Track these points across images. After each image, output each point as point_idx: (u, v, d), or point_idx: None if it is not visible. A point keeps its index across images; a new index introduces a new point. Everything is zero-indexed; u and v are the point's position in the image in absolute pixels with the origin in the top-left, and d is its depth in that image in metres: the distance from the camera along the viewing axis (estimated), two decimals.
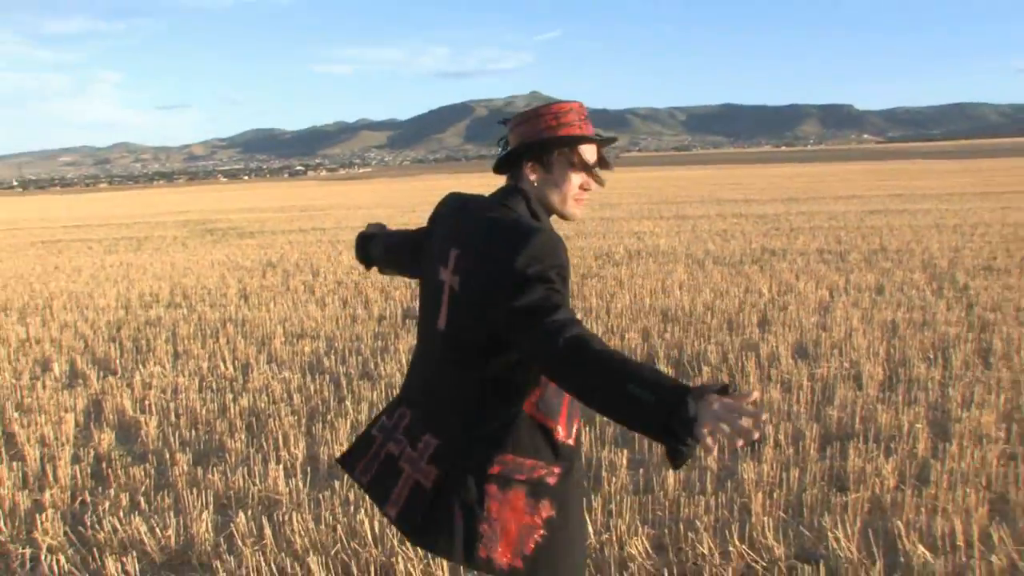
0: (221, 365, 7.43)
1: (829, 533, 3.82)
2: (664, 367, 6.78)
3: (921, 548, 3.67)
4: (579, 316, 8.62)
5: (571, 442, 2.21)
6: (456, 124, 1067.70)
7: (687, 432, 1.56)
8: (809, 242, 15.06)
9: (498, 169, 2.21)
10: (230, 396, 6.38)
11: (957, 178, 42.82)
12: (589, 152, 2.16)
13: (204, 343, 8.36)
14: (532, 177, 2.15)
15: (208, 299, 11.13)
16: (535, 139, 2.13)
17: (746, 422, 1.50)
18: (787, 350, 7.11)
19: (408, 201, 39.64)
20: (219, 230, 24.96)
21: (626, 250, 14.58)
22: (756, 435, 1.50)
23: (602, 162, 2.20)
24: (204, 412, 6.05)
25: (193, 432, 5.69)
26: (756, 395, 1.58)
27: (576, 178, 2.16)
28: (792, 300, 9.30)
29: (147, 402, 6.40)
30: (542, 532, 2.12)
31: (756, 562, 3.66)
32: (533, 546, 2.10)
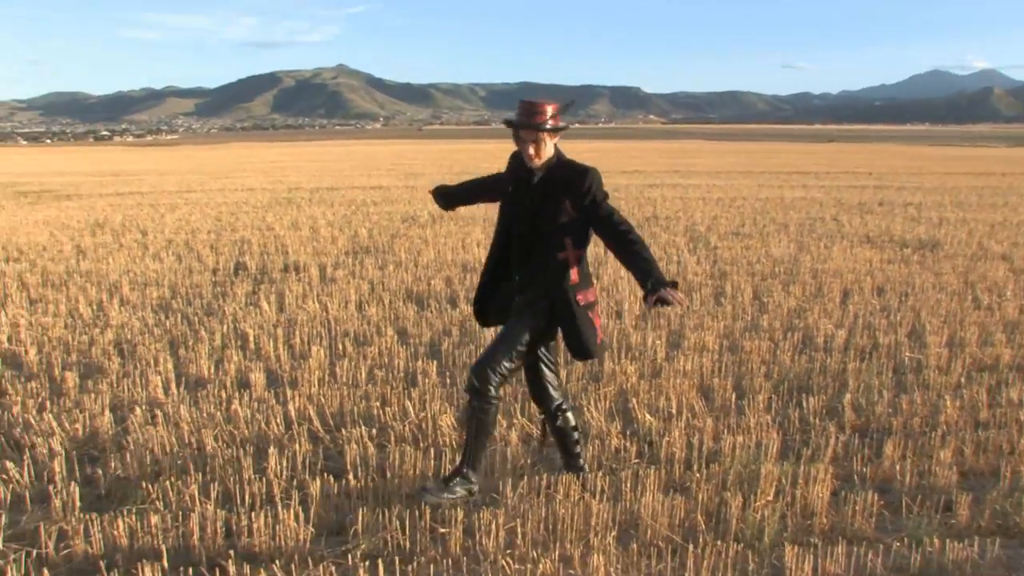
0: (79, 308, 8.11)
1: (586, 410, 5.24)
2: (466, 307, 8.11)
3: (647, 415, 5.15)
4: (390, 268, 9.82)
5: None
6: (264, 94, 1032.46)
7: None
8: None
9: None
10: (96, 330, 7.20)
11: (726, 158, 46.84)
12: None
13: (58, 290, 8.97)
14: None
15: (46, 255, 11.51)
16: None
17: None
18: None
19: (219, 167, 39.23)
20: (32, 192, 24.09)
21: (430, 214, 15.83)
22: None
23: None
24: (76, 343, 6.84)
25: (73, 357, 6.51)
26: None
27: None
28: None
29: (20, 337, 7.07)
30: None
31: (532, 430, 5.00)
32: None
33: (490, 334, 6.78)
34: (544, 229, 3.89)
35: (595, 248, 11.47)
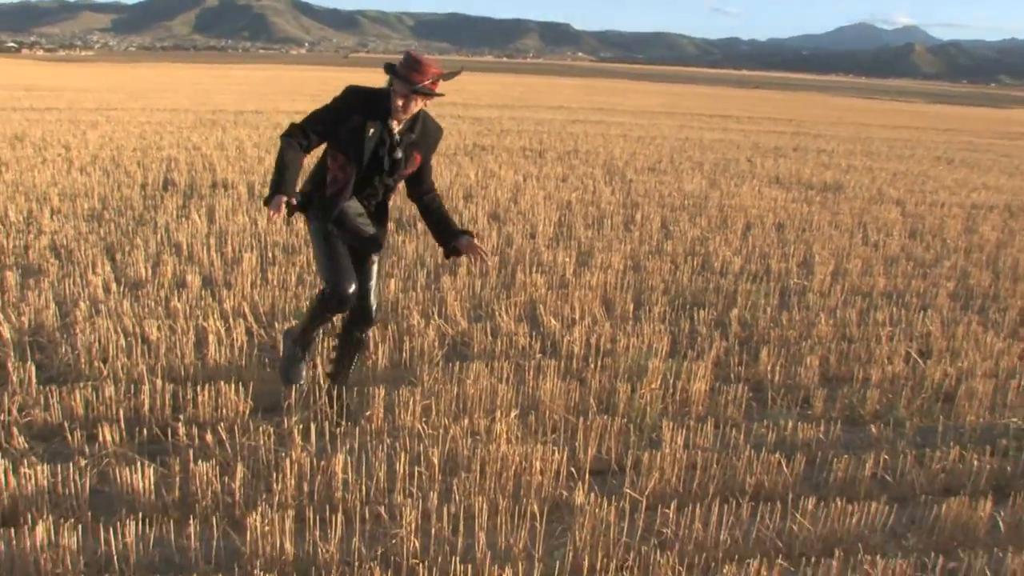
0: (10, 215, 8.18)
1: (497, 315, 5.79)
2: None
3: (553, 320, 5.73)
4: None
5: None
6: (186, 12, 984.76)
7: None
8: (515, 141, 17.28)
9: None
10: (31, 236, 7.37)
11: (651, 99, 47.51)
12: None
13: None
14: None
15: None
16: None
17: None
18: (484, 215, 9.09)
19: (140, 86, 38.27)
20: None
21: None
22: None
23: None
24: (12, 247, 7.01)
25: (10, 259, 6.74)
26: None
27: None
28: (493, 183, 11.34)
29: None
30: None
31: (448, 328, 5.53)
32: None
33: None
34: (399, 175, 4.07)
35: (516, 175, 11.97)
